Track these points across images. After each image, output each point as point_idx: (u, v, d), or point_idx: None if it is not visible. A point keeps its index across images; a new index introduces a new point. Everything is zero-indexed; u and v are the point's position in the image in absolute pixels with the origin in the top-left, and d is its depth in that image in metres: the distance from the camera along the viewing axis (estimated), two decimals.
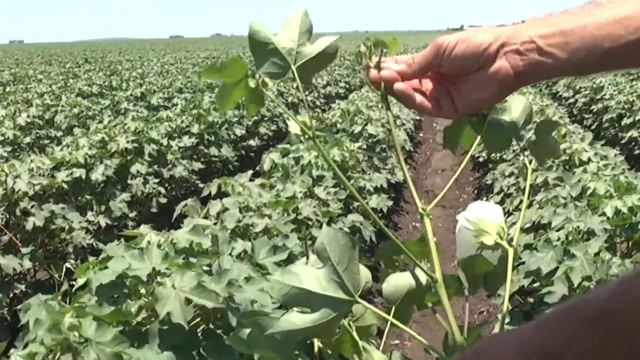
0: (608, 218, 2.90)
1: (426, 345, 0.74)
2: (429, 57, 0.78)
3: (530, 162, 0.86)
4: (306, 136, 0.75)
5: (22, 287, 3.65)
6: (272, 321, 0.69)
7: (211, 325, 1.69)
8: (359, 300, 0.68)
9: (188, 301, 1.56)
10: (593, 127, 7.69)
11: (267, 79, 0.74)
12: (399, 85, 0.78)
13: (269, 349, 0.72)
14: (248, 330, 0.73)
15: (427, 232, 0.73)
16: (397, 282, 0.79)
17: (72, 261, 3.77)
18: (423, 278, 0.78)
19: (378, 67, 0.78)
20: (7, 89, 11.57)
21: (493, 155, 5.39)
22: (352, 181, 4.03)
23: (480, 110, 0.81)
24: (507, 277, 0.75)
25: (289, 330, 0.67)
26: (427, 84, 0.80)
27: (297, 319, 0.67)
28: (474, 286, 0.78)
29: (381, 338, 0.88)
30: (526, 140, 0.84)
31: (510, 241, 0.77)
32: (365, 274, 0.74)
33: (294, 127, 0.79)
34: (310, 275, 0.68)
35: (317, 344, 0.81)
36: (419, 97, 0.79)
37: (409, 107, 0.81)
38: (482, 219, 0.78)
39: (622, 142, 6.57)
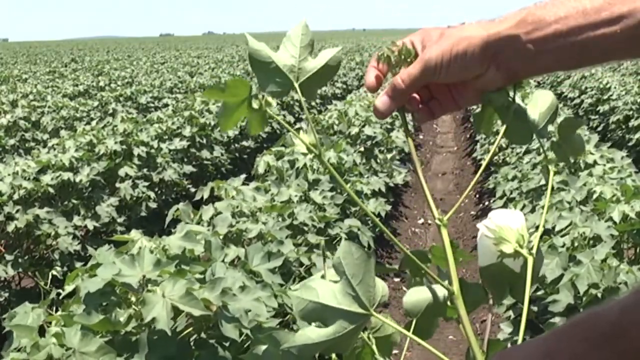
0: (615, 223, 2.83)
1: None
2: (419, 77, 0.76)
3: (551, 164, 0.84)
4: (312, 154, 0.76)
5: (7, 295, 3.57)
6: (288, 335, 0.70)
7: (204, 335, 1.67)
8: (375, 313, 0.68)
9: (176, 309, 1.53)
10: (599, 129, 7.59)
11: (270, 99, 0.74)
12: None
13: None
14: (263, 347, 0.73)
15: (445, 242, 0.73)
16: (418, 295, 0.79)
17: (59, 268, 3.67)
18: (443, 290, 0.77)
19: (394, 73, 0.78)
20: None
21: (496, 158, 5.33)
22: (349, 185, 3.94)
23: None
24: (529, 285, 0.74)
25: (305, 344, 0.67)
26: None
27: (312, 333, 0.68)
28: (498, 295, 0.78)
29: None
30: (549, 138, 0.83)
31: (530, 249, 0.76)
32: (381, 286, 0.74)
33: (300, 146, 0.78)
34: (326, 290, 0.68)
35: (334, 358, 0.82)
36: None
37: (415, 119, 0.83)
38: (502, 226, 0.77)
39: (630, 144, 6.46)
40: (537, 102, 0.82)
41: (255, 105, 0.73)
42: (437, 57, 0.74)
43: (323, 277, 0.76)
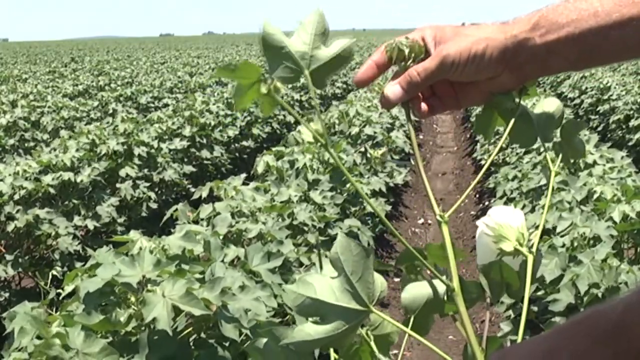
0: (615, 223, 2.83)
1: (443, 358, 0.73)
2: (435, 72, 0.76)
3: (552, 163, 0.84)
4: (319, 144, 0.75)
5: (7, 295, 3.57)
6: (287, 331, 0.70)
7: (203, 335, 1.68)
8: (374, 310, 0.68)
9: (176, 309, 1.53)
10: (599, 129, 7.60)
11: (279, 84, 0.73)
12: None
13: (283, 359, 0.73)
14: (265, 340, 0.74)
15: (446, 239, 0.73)
16: (416, 291, 0.78)
17: (59, 268, 3.67)
18: (442, 286, 0.77)
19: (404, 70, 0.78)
20: None
21: (496, 158, 5.33)
22: (349, 184, 3.94)
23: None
24: (529, 284, 0.74)
25: (303, 340, 0.67)
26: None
27: (311, 329, 0.68)
28: (496, 293, 0.77)
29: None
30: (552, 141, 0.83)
31: (530, 247, 0.75)
32: (380, 282, 0.73)
33: (306, 134, 0.77)
34: (324, 286, 0.68)
35: (333, 355, 0.81)
36: (422, 106, 0.80)
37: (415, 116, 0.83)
38: (502, 224, 0.76)
39: (630, 144, 6.47)
40: (544, 107, 0.82)
41: (263, 89, 0.72)
42: (455, 54, 0.74)
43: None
